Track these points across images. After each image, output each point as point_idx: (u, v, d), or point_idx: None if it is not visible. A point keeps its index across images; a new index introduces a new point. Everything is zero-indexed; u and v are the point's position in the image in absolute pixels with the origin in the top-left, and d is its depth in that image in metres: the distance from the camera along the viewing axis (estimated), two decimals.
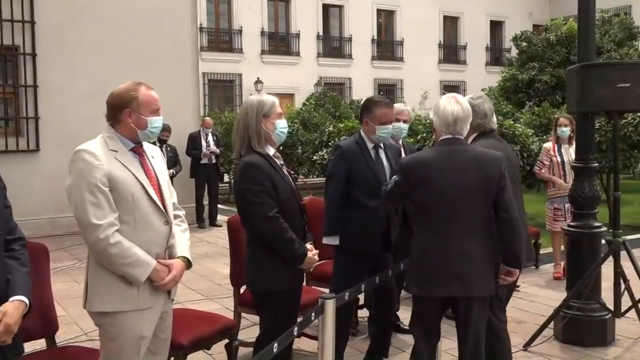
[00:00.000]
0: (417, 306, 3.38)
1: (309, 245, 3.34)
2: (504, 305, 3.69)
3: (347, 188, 4.03)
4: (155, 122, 2.84)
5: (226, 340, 3.94)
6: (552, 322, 4.78)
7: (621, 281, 4.56)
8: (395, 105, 5.03)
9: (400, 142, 4.99)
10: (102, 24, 9.89)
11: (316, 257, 3.37)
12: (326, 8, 27.14)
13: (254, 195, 3.16)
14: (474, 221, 3.16)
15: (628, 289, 4.58)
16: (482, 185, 3.13)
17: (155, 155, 2.96)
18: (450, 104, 3.24)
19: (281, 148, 3.50)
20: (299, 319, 3.15)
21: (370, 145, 4.11)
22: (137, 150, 2.87)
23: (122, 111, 2.78)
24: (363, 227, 4.01)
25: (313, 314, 2.79)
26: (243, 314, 4.42)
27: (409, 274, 3.35)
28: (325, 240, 4.06)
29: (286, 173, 3.37)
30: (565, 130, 6.70)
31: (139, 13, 10.17)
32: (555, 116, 8.22)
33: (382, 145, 4.18)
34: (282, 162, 3.40)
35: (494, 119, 3.80)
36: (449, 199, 3.13)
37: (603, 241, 4.87)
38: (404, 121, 4.94)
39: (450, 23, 30.40)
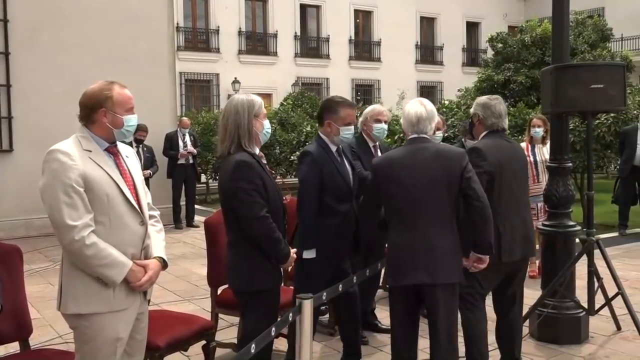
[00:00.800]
0: (392, 298, 3.54)
1: None
2: (484, 291, 3.84)
3: (318, 195, 3.92)
4: (131, 121, 2.83)
5: (203, 342, 3.92)
6: (528, 320, 4.83)
7: (595, 279, 4.63)
8: (375, 106, 5.04)
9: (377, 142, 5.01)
10: (78, 23, 9.78)
11: (295, 256, 3.43)
12: (304, 8, 27.14)
13: (247, 194, 3.16)
14: (439, 213, 3.34)
15: (601, 287, 4.65)
16: (445, 179, 3.33)
17: (129, 155, 2.94)
18: (414, 107, 3.50)
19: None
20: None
21: (333, 148, 4.04)
22: (112, 150, 2.84)
23: (97, 111, 2.75)
24: (336, 232, 3.95)
25: (291, 314, 2.79)
26: (220, 315, 4.40)
27: (386, 268, 3.53)
28: (306, 255, 3.85)
29: (269, 172, 3.39)
30: (539, 131, 6.78)
31: (115, 12, 10.07)
32: (530, 117, 8.32)
33: (341, 147, 4.12)
34: (265, 162, 3.41)
35: (506, 119, 4.05)
36: (415, 193, 3.33)
37: (577, 240, 4.94)
38: (385, 122, 4.96)
39: (427, 24, 30.58)
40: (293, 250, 3.40)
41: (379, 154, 4.96)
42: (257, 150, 3.33)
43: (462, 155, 3.42)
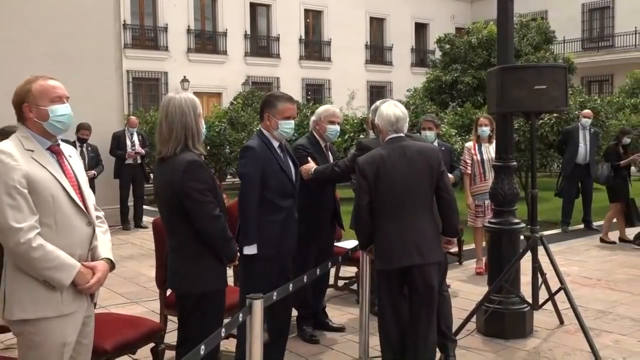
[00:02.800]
0: (383, 283, 3.87)
1: None
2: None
3: (260, 191, 3.90)
4: (58, 111, 2.72)
5: (152, 344, 3.85)
6: (475, 315, 4.93)
7: (539, 275, 4.75)
8: (329, 107, 5.04)
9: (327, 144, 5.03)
10: (20, 19, 9.43)
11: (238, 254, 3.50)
12: (253, 7, 27.02)
13: (201, 193, 3.12)
14: (422, 202, 3.79)
15: (545, 282, 4.77)
16: (427, 172, 3.78)
17: (72, 155, 2.88)
18: (390, 108, 3.89)
19: (208, 147, 3.45)
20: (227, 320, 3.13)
21: (276, 144, 4.02)
22: (55, 150, 2.77)
23: (22, 108, 2.70)
24: (280, 229, 3.93)
25: (241, 314, 2.77)
26: (169, 317, 4.34)
27: (375, 255, 3.87)
28: (247, 250, 3.83)
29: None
30: (486, 130, 6.92)
31: (59, 8, 9.78)
32: (477, 116, 8.49)
33: (283, 142, 4.11)
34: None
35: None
36: (403, 185, 3.74)
37: (522, 237, 5.06)
38: (338, 123, 4.98)
39: (377, 24, 30.86)
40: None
41: (330, 154, 4.98)
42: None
43: (438, 151, 3.95)
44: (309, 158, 4.64)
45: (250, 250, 3.83)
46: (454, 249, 7.44)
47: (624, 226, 8.85)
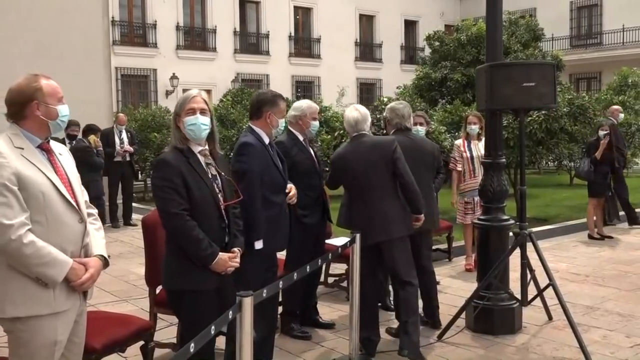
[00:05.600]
0: (364, 256, 4.29)
1: (236, 249, 3.27)
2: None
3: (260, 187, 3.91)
4: (64, 111, 2.77)
5: (142, 342, 3.84)
6: (464, 312, 4.95)
7: (527, 271, 4.77)
8: (311, 104, 5.03)
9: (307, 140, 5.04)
10: (7, 15, 9.35)
11: (234, 263, 3.24)
12: (243, 3, 26.90)
13: (161, 190, 3.14)
14: (383, 187, 4.35)
15: (534, 278, 4.80)
16: (383, 162, 4.33)
17: (63, 153, 2.87)
18: (351, 112, 4.50)
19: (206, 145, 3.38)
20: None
21: (267, 141, 4.06)
22: (45, 147, 2.76)
23: (27, 105, 2.68)
24: (274, 225, 3.95)
25: (230, 312, 2.76)
26: (159, 315, 4.33)
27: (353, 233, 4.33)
28: (258, 246, 3.80)
29: (214, 172, 3.27)
30: (474, 128, 6.95)
31: (47, 5, 9.70)
32: (465, 114, 8.51)
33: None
34: (209, 161, 3.28)
35: (411, 120, 5.10)
36: (364, 177, 4.33)
37: (511, 233, 5.08)
38: (318, 119, 5.02)
39: (366, 21, 30.84)
40: (231, 256, 3.24)
41: (311, 150, 4.99)
42: (196, 148, 3.24)
43: (392, 141, 4.43)
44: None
45: (258, 245, 3.83)
46: (444, 246, 7.48)
47: (602, 222, 8.93)
